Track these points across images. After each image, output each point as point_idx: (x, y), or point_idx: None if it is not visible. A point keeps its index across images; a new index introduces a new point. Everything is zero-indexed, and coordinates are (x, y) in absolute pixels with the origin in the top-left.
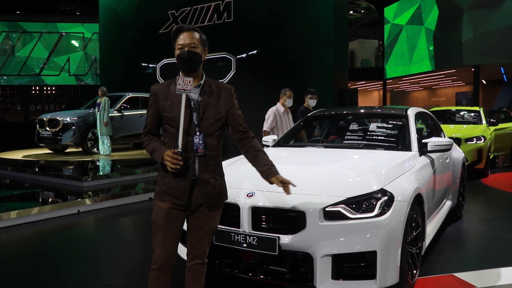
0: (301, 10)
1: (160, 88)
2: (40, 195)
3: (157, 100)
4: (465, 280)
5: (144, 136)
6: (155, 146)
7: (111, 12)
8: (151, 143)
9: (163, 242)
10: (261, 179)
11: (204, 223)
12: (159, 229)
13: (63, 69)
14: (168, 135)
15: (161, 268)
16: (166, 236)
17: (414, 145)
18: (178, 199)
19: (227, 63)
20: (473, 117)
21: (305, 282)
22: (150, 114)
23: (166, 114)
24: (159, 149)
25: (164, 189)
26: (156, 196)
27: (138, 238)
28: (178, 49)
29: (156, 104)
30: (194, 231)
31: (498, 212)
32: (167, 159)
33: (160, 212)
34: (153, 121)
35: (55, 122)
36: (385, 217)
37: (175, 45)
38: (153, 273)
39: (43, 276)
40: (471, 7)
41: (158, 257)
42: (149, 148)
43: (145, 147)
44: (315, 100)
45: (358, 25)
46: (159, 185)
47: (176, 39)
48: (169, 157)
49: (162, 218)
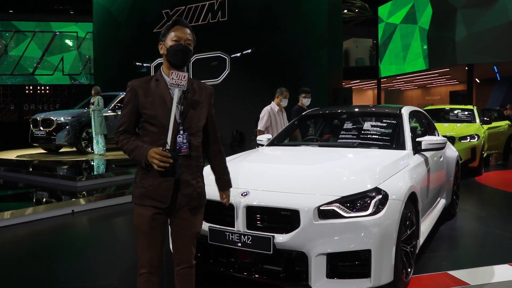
0: (296, 9)
1: (139, 84)
2: (34, 195)
3: (136, 96)
4: (459, 278)
5: (120, 135)
6: (137, 145)
7: (105, 11)
8: (129, 141)
9: (149, 247)
10: (256, 179)
11: (186, 229)
12: (144, 235)
13: (57, 68)
14: (147, 133)
15: (151, 271)
16: (152, 241)
17: (408, 144)
18: (160, 202)
19: (222, 62)
20: (466, 115)
21: (300, 281)
22: (127, 111)
23: (147, 111)
24: (142, 147)
25: (143, 192)
26: (135, 200)
27: (132, 238)
28: (173, 41)
29: (135, 101)
30: (177, 237)
31: (492, 210)
32: (155, 157)
33: (143, 218)
34: (130, 119)
35: (49, 121)
36: (379, 216)
37: (167, 36)
38: (143, 276)
39: (37, 277)
40: (465, 6)
41: (145, 262)
42: (129, 147)
43: (121, 146)
44: (309, 99)
45: (352, 24)
46: (138, 187)
47: (170, 31)
48: (157, 155)
49: (145, 224)
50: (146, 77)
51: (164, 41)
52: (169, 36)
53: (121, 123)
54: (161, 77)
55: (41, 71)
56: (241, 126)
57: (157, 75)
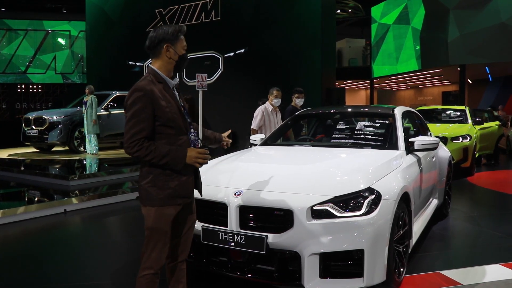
0: (289, 9)
1: (152, 88)
2: (26, 194)
3: (154, 100)
4: (451, 278)
5: (143, 143)
6: (170, 149)
7: (98, 10)
8: (158, 148)
9: (164, 248)
10: (249, 178)
11: (190, 215)
12: (163, 236)
13: (49, 67)
14: (164, 136)
15: (157, 272)
16: (167, 241)
17: (401, 144)
18: (187, 198)
19: (215, 62)
20: (459, 116)
21: (293, 281)
22: (145, 117)
23: (167, 115)
24: (177, 151)
25: (171, 193)
26: (160, 202)
27: (125, 237)
28: (184, 50)
29: (153, 105)
30: (181, 227)
31: (484, 210)
32: (199, 157)
33: (165, 218)
34: (149, 125)
35: (41, 120)
36: (372, 216)
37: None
38: (147, 277)
39: (29, 276)
40: (457, 7)
41: (155, 263)
42: (160, 153)
43: (147, 153)
44: (302, 99)
45: (346, 25)
46: (162, 190)
47: (180, 37)
48: (200, 154)
49: (165, 224)
50: (146, 80)
51: (174, 44)
52: (179, 43)
53: (140, 129)
54: (163, 79)
55: (34, 70)
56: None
57: (158, 77)
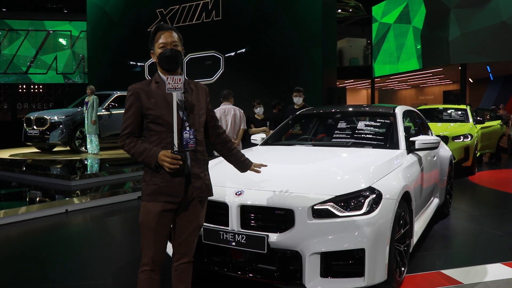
0: (290, 9)
1: (140, 87)
2: (27, 195)
3: (139, 99)
4: (452, 277)
5: (126, 138)
6: (145, 148)
7: (99, 10)
8: (137, 144)
9: (154, 245)
10: (250, 178)
11: (191, 221)
12: (150, 231)
13: (51, 67)
14: (154, 133)
15: (153, 269)
16: (157, 238)
17: (402, 143)
18: (174, 196)
19: (216, 62)
20: (460, 115)
21: (294, 280)
22: (131, 114)
23: (152, 112)
24: (151, 150)
25: (156, 189)
26: (146, 197)
27: (126, 237)
28: (160, 48)
29: (138, 103)
30: (181, 230)
31: (485, 209)
32: (165, 160)
33: (151, 214)
34: (135, 121)
35: (42, 120)
36: (373, 215)
37: (155, 44)
38: (145, 273)
39: (31, 276)
40: (458, 6)
41: (149, 259)
42: (137, 151)
43: (129, 149)
44: (300, 98)
45: (346, 24)
46: (148, 185)
47: (155, 38)
48: (168, 158)
49: (152, 220)
50: (145, 80)
51: (153, 49)
52: (156, 44)
53: (125, 126)
54: (160, 79)
55: (35, 70)
56: None
57: (156, 78)
